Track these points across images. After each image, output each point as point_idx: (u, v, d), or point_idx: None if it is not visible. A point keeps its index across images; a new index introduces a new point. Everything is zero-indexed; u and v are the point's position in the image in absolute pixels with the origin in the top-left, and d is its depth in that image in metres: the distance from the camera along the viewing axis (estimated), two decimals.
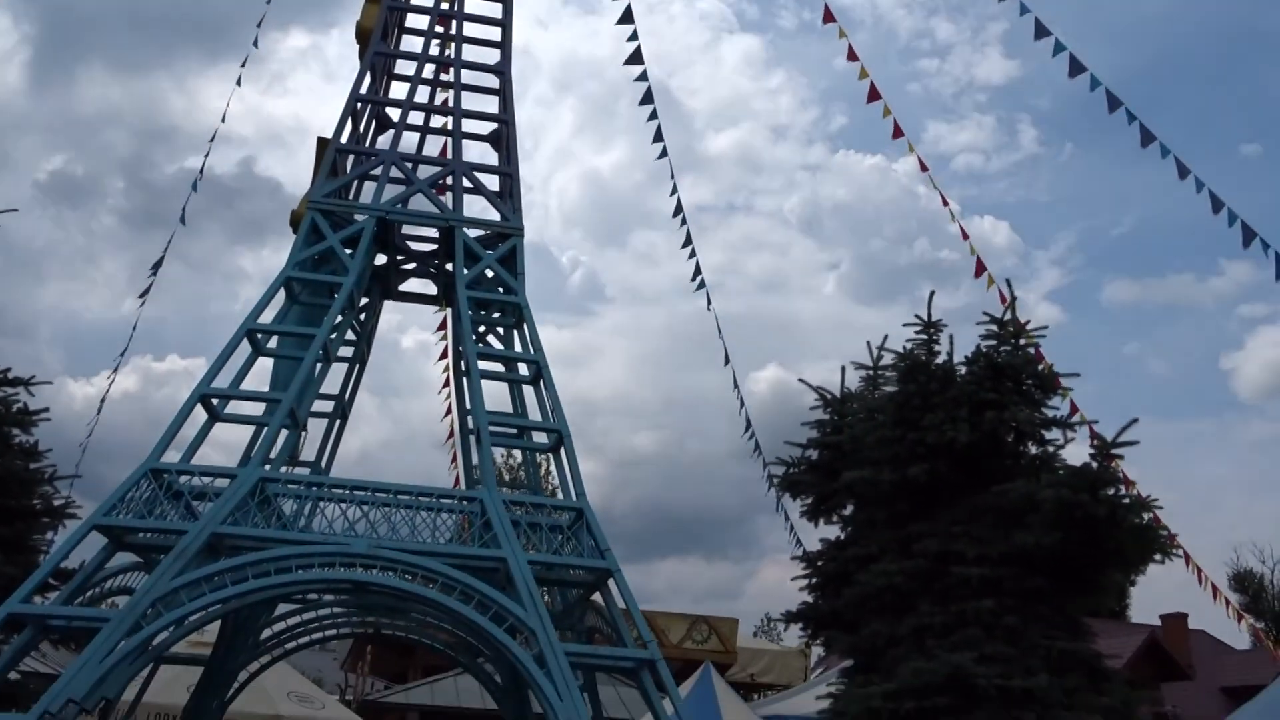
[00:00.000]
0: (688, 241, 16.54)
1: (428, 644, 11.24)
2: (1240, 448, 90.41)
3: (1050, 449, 9.08)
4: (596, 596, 8.63)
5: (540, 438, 9.21)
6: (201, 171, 14.38)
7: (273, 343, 9.20)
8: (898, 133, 14.21)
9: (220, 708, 10.16)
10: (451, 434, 15.63)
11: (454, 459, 14.39)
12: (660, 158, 15.72)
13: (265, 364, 9.59)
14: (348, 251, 9.54)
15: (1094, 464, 8.36)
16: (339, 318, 9.22)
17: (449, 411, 15.32)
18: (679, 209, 16.14)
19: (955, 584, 8.50)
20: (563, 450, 8.71)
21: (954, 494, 8.95)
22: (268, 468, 8.12)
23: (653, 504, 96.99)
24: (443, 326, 14.88)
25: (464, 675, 25.04)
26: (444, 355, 14.40)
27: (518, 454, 33.65)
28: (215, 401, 8.53)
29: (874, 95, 14.33)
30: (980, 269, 13.54)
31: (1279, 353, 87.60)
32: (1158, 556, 8.42)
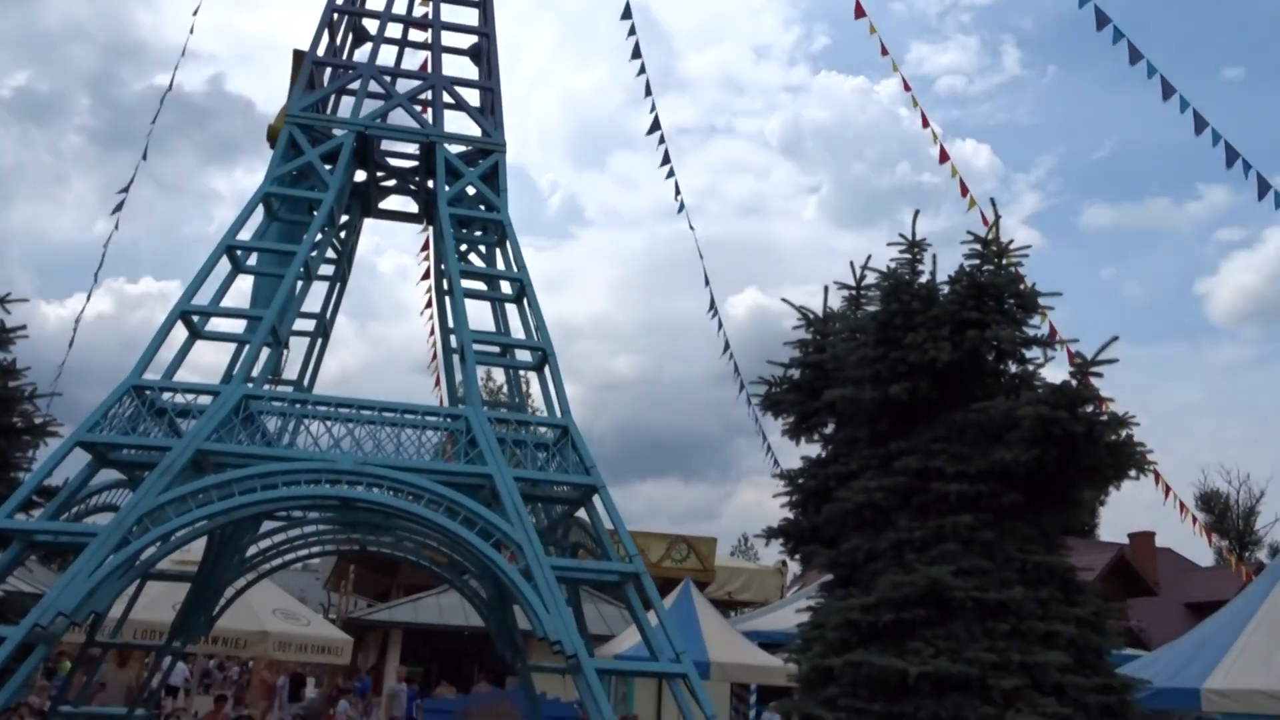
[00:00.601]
0: (666, 160, 16.42)
1: (413, 561, 11.35)
2: (1211, 371, 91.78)
3: (1030, 368, 9.18)
4: (581, 513, 8.72)
5: (524, 356, 9.21)
6: (170, 87, 14.05)
7: (252, 260, 9.10)
8: (884, 51, 14.04)
9: (207, 623, 10.27)
10: (434, 356, 15.62)
11: (437, 381, 14.40)
12: (639, 75, 15.51)
13: (245, 282, 9.51)
14: (327, 167, 9.39)
15: (1073, 382, 8.46)
16: (319, 235, 9.11)
17: (432, 333, 15.30)
18: (656, 126, 15.98)
19: (934, 500, 8.65)
20: (547, 368, 8.72)
21: (934, 412, 9.05)
22: (250, 385, 8.09)
23: (631, 427, 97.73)
24: (425, 248, 14.76)
25: (447, 593, 25.45)
26: (426, 276, 14.30)
27: (498, 377, 33.66)
28: (196, 319, 8.46)
29: (859, 12, 14.12)
30: (964, 190, 13.51)
31: (1252, 278, 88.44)
32: (1133, 472, 8.57)
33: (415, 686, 22.85)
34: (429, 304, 12.14)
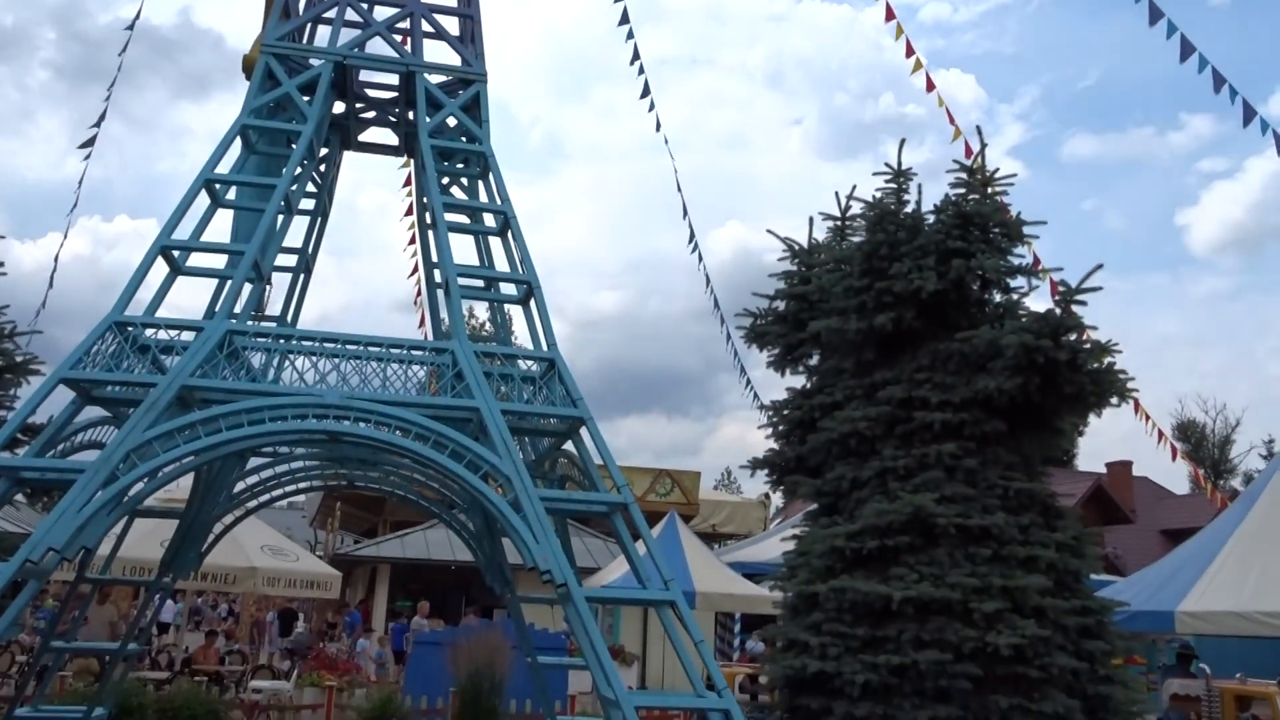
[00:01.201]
0: (646, 92, 16.22)
1: (400, 496, 11.40)
2: (1191, 302, 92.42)
3: (1014, 297, 9.22)
4: (569, 446, 8.75)
5: (509, 290, 9.16)
6: (137, 16, 13.71)
7: (231, 194, 8.97)
8: None
9: (196, 559, 10.31)
10: (419, 294, 15.52)
11: (422, 320, 14.35)
12: (617, 1, 15.26)
13: (225, 219, 9.38)
14: (305, 99, 9.22)
15: (1056, 310, 8.51)
16: (299, 168, 8.97)
17: (415, 270, 15.20)
18: (636, 56, 15.76)
19: (918, 429, 8.74)
20: (532, 302, 8.68)
21: (919, 342, 9.10)
22: (233, 321, 8.03)
23: (614, 363, 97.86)
24: (408, 183, 14.59)
25: (434, 529, 25.70)
26: (409, 212, 14.16)
27: (480, 314, 33.52)
28: (176, 254, 8.35)
29: None
30: (950, 119, 13.41)
31: (1233, 208, 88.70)
32: (1114, 399, 8.67)
33: (405, 620, 23.14)
34: (412, 240, 12.03)
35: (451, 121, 9.52)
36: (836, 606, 8.19)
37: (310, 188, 10.03)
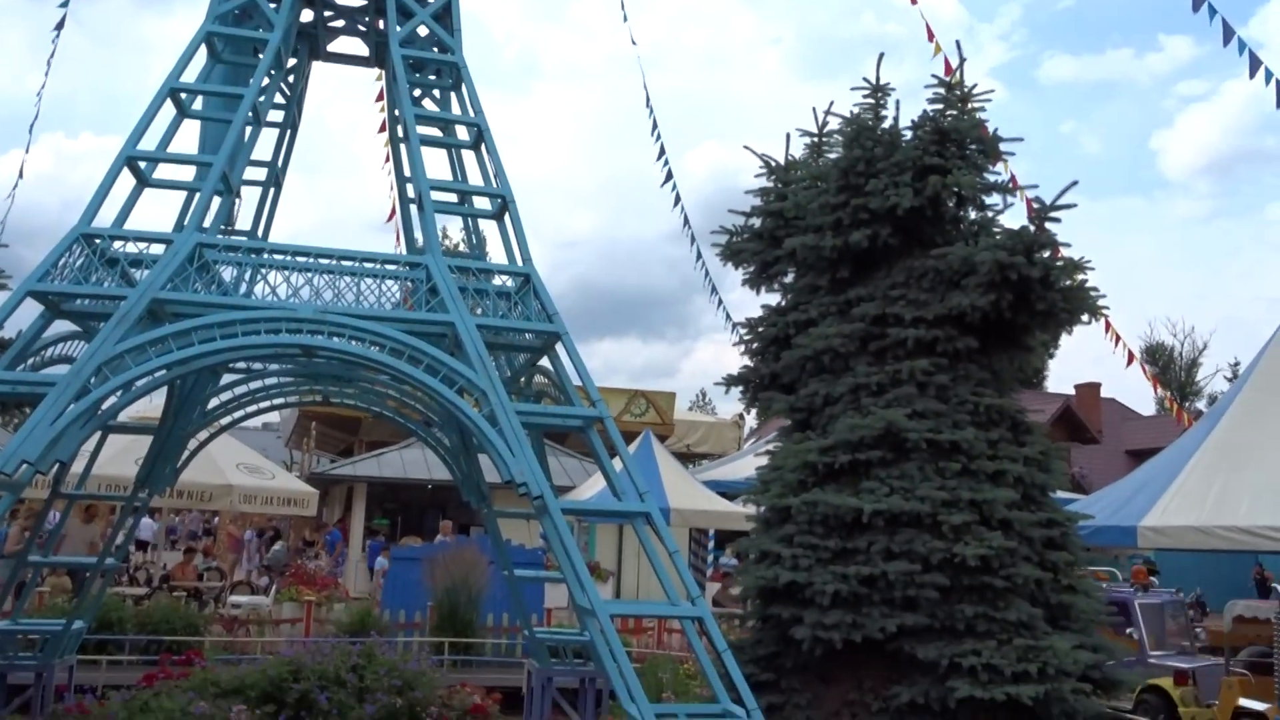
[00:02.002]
0: (622, 6, 15.87)
1: (375, 412, 11.41)
2: (1164, 225, 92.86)
3: (990, 214, 9.24)
4: (544, 362, 8.76)
5: (483, 205, 9.06)
6: None
7: (198, 104, 8.76)
8: None
9: (172, 475, 10.31)
10: (394, 212, 15.34)
11: (397, 238, 14.19)
12: None
13: (192, 132, 9.19)
14: (271, 5, 8.96)
15: (1031, 228, 8.54)
16: (266, 78, 8.76)
17: (391, 189, 14.97)
18: None
19: (891, 345, 8.81)
20: (507, 216, 8.60)
21: (894, 259, 9.12)
22: (203, 234, 7.91)
23: (590, 285, 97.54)
24: (381, 97, 14.29)
25: (409, 448, 25.79)
26: (383, 128, 13.90)
27: (455, 235, 33.22)
28: (143, 165, 8.18)
29: None
30: (930, 35, 13.25)
31: (1208, 132, 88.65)
32: (1085, 317, 8.76)
33: (381, 539, 23.37)
34: (388, 158, 11.81)
35: (423, 31, 9.30)
36: (808, 519, 8.33)
37: (278, 99, 9.82)
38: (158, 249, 7.77)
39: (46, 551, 10.62)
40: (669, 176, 15.61)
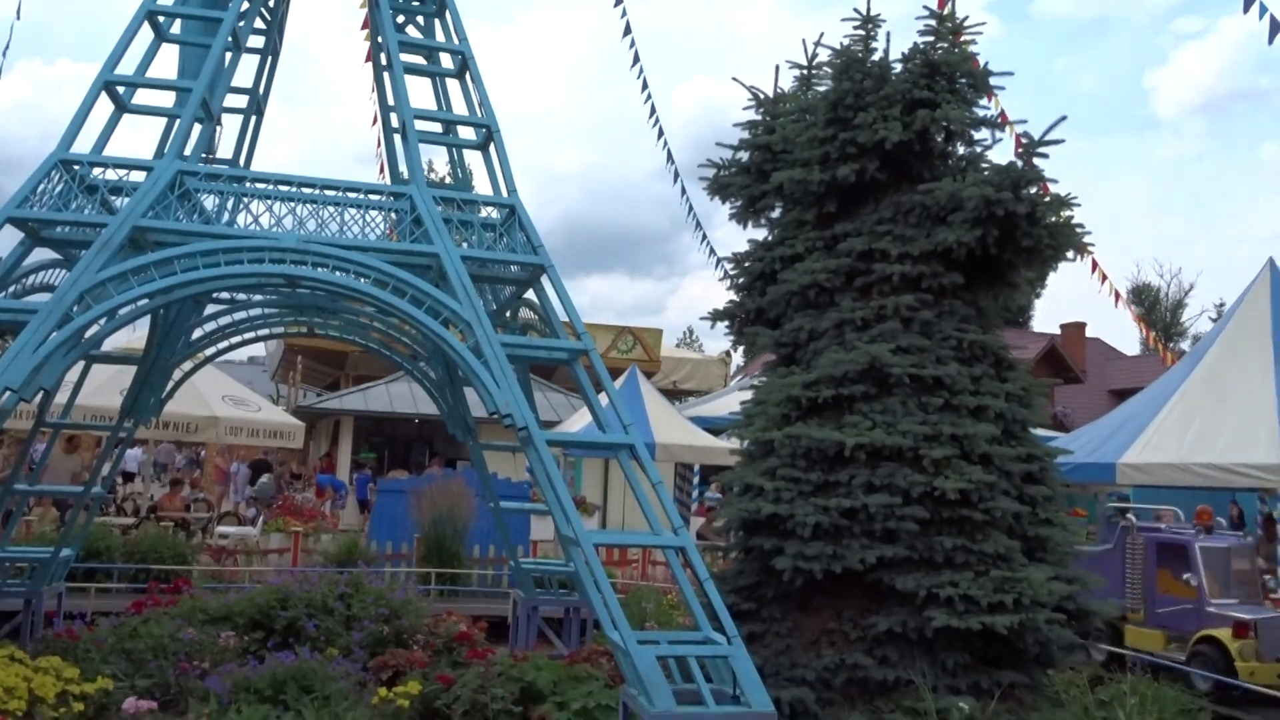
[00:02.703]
0: None
1: (360, 344, 11.40)
2: (1155, 165, 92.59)
3: (978, 150, 9.20)
4: (530, 295, 8.75)
5: (468, 135, 8.96)
6: None
7: (176, 28, 8.60)
8: None
9: (157, 405, 10.31)
10: (379, 144, 15.15)
11: (381, 169, 14.05)
12: None
13: (172, 58, 9.03)
14: None
15: (1019, 163, 8.52)
16: (246, 1, 8.60)
17: (375, 120, 14.77)
18: None
19: (877, 281, 8.82)
20: (492, 147, 8.52)
21: (881, 194, 9.09)
22: (184, 162, 7.82)
23: (577, 222, 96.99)
24: (366, 25, 14.05)
25: (396, 382, 25.84)
26: (368, 58, 13.67)
27: (441, 168, 32.81)
28: (121, 91, 8.05)
29: None
30: None
31: (1202, 70, 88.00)
32: (1070, 254, 8.78)
33: (368, 472, 23.48)
34: (374, 89, 11.62)
35: None
36: (791, 453, 8.40)
37: (259, 24, 9.65)
38: (138, 177, 7.68)
39: (33, 481, 10.64)
40: (652, 111, 15.45)
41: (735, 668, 6.72)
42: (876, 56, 9.09)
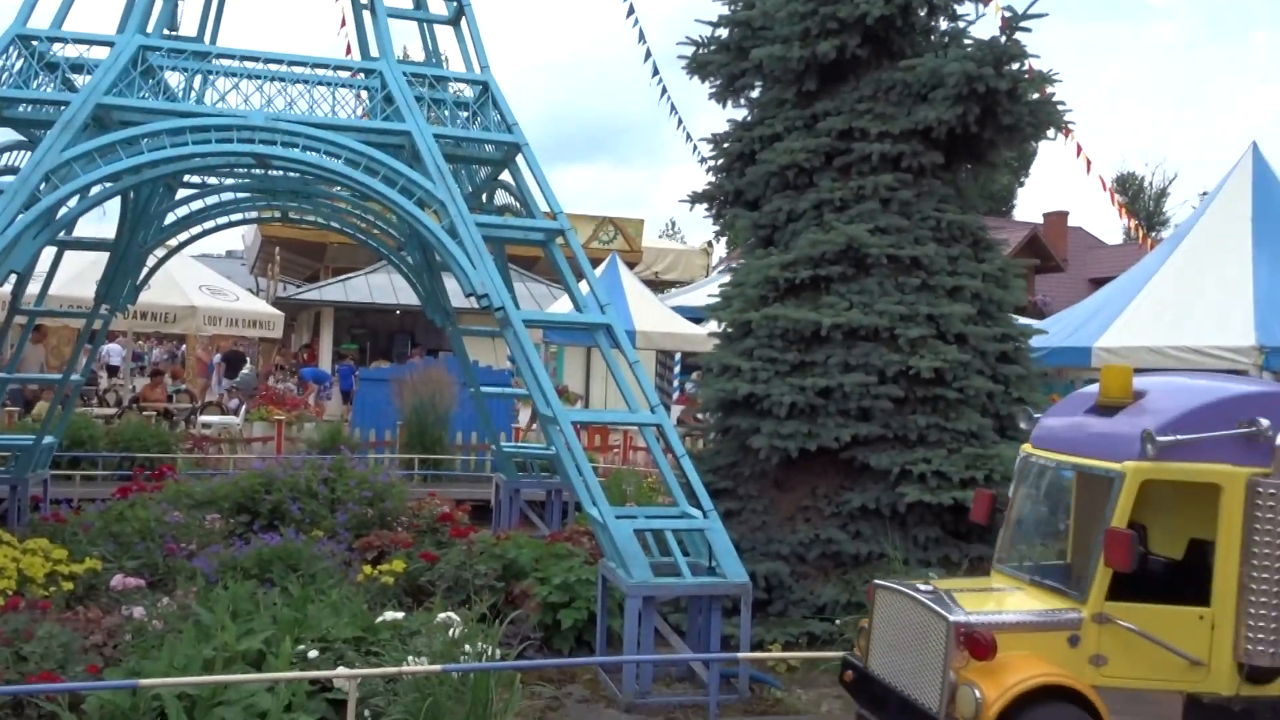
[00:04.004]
0: None
1: (337, 228, 11.28)
2: (1146, 52, 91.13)
3: (961, 25, 9.02)
4: (506, 177, 8.64)
5: (439, 9, 8.72)
6: None
7: None
8: None
9: (133, 291, 10.23)
10: (344, 21, 14.74)
11: (348, 49, 13.67)
12: None
13: None
14: None
15: (1002, 39, 8.37)
16: None
17: None
18: None
19: (856, 160, 8.74)
20: (464, 21, 8.30)
21: (862, 71, 8.95)
22: (146, 37, 7.59)
23: (557, 110, 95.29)
24: None
25: (376, 273, 25.68)
26: None
27: (415, 53, 32.00)
28: None
29: None
30: None
31: None
32: (1051, 132, 8.70)
33: (350, 363, 23.52)
34: None
35: None
36: (768, 333, 8.45)
37: None
38: (99, 53, 7.47)
39: (10, 370, 10.61)
40: None
41: (711, 541, 6.89)
42: None
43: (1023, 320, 13.19)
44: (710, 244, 35.05)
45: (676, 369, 22.35)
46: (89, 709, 5.35)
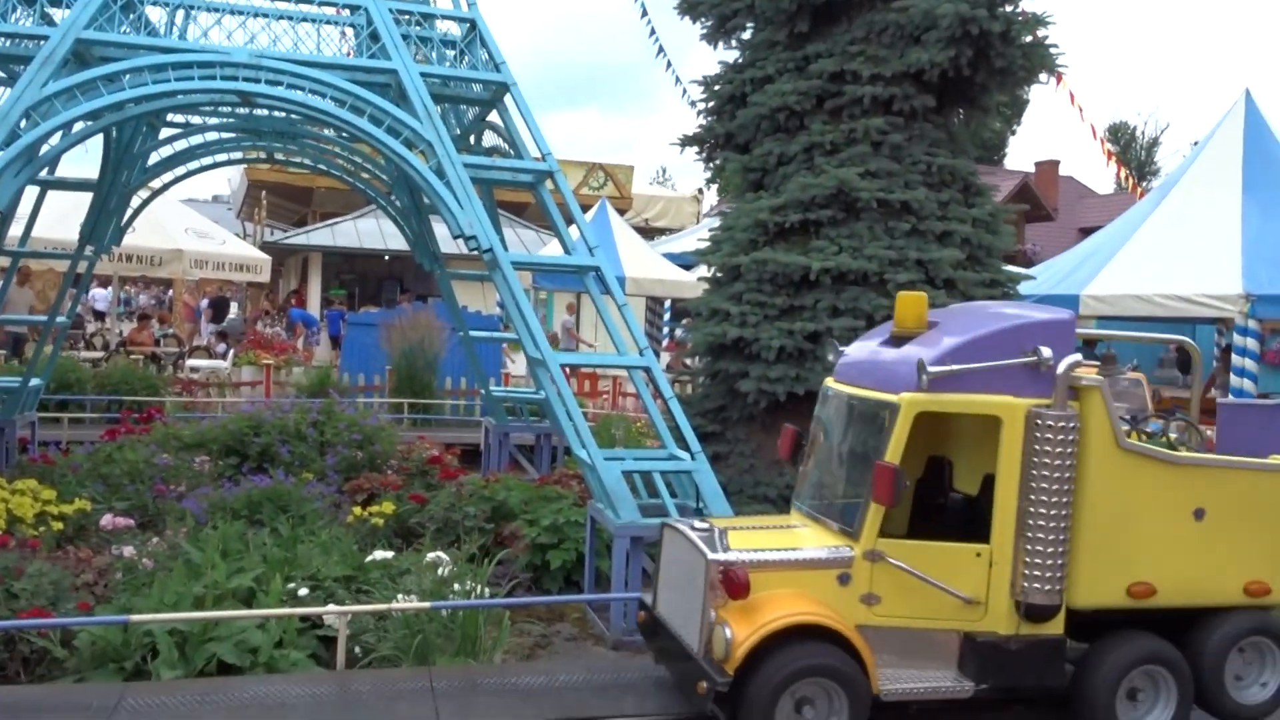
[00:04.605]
0: None
1: (324, 170, 11.16)
2: (1139, 3, 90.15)
3: None
4: (494, 118, 8.55)
5: None
6: None
7: None
8: None
9: (117, 233, 10.12)
10: None
11: None
12: None
13: None
14: None
15: None
16: None
17: None
18: None
19: (848, 103, 8.67)
20: None
21: (854, 13, 8.84)
22: None
23: (544, 55, 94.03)
24: None
25: (364, 218, 25.51)
26: None
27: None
28: None
29: None
30: None
31: None
32: (1044, 75, 8.64)
33: (339, 308, 23.43)
34: None
35: None
36: (757, 277, 8.43)
37: None
38: None
39: None
40: None
41: (699, 483, 6.94)
42: None
43: (1011, 268, 13.25)
44: (701, 191, 34.88)
45: (666, 315, 22.33)
46: (81, 644, 5.41)
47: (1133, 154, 47.08)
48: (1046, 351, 4.66)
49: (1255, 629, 5.06)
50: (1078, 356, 4.69)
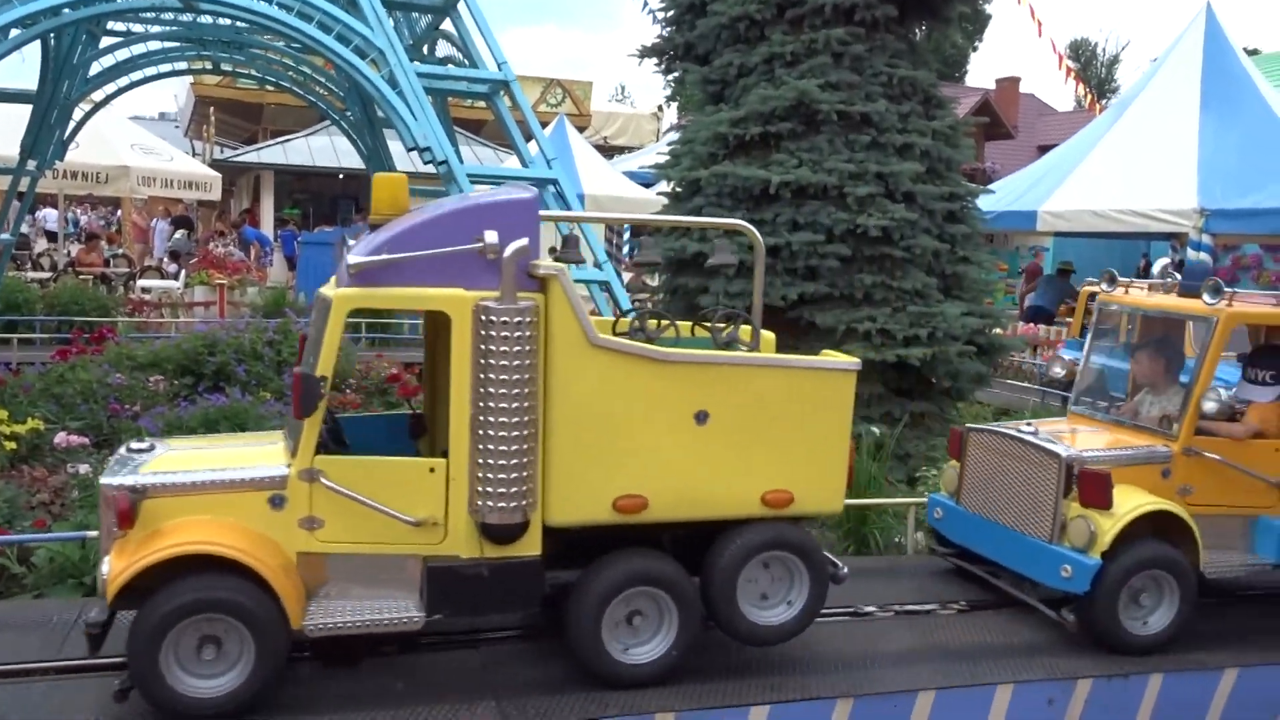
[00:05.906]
0: None
1: (273, 82, 10.86)
2: None
3: None
4: (448, 27, 8.34)
5: None
6: None
7: None
8: None
9: (60, 147, 9.83)
10: None
11: None
12: None
13: None
14: None
15: None
16: None
17: None
18: None
19: (809, 13, 8.54)
20: None
21: None
22: None
23: None
24: None
25: (317, 135, 24.91)
26: None
27: None
28: None
29: None
30: None
31: None
32: None
33: (293, 228, 23.02)
34: None
35: None
36: (717, 191, 8.38)
37: None
38: None
39: None
40: None
41: None
42: None
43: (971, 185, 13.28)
44: (660, 108, 34.42)
45: (626, 234, 22.19)
46: (39, 561, 5.37)
47: (1093, 71, 47.08)
48: (491, 236, 3.94)
49: (772, 543, 4.43)
50: (525, 241, 3.99)
